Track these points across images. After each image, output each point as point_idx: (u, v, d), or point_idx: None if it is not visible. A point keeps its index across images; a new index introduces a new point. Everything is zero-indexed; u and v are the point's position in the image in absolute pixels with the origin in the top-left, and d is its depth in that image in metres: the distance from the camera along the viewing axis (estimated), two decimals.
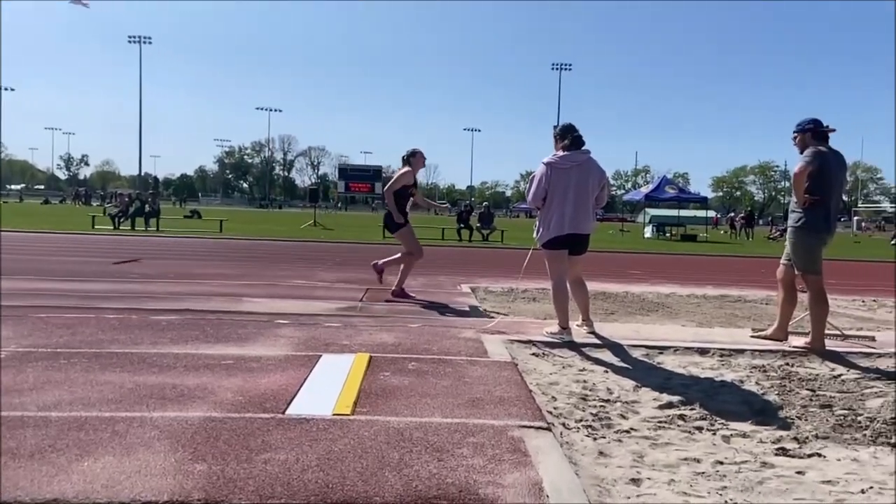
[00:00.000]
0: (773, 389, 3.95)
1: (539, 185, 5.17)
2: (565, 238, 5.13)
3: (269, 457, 2.53)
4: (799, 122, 5.14)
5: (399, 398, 3.34)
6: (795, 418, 3.44)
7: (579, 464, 2.69)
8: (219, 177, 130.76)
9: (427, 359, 4.23)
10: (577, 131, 5.19)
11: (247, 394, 3.32)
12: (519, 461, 2.58)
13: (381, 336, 4.89)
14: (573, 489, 2.35)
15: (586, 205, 5.16)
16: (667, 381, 4.10)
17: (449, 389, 3.54)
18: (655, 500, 2.39)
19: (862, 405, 3.67)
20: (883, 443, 3.08)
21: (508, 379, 3.82)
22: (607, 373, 4.26)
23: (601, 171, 5.27)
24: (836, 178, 5.00)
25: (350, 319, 5.61)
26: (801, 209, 5.00)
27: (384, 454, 2.59)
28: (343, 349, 4.40)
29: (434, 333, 5.08)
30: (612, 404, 3.60)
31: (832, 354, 4.79)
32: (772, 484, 2.57)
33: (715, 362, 4.62)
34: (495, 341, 4.83)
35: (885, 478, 2.65)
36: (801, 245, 5.04)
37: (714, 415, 3.46)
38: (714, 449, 2.99)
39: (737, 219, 38.53)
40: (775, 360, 4.65)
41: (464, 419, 3.06)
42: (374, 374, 3.77)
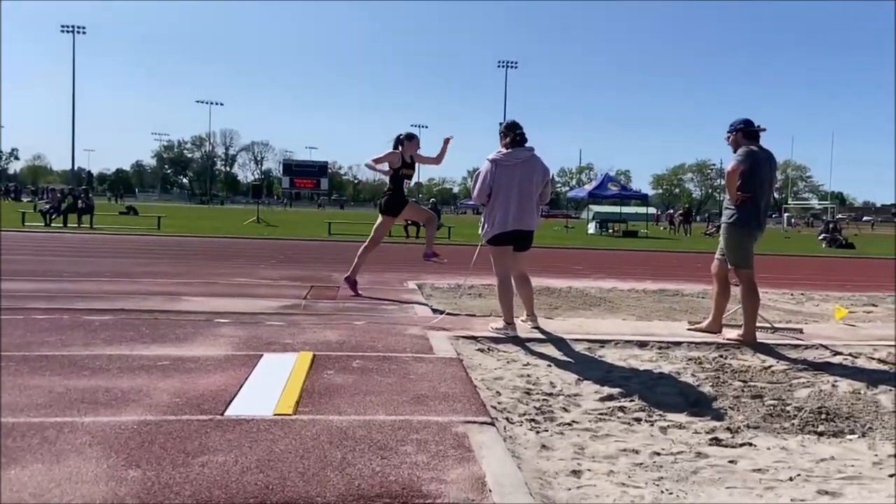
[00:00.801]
0: (707, 381, 4.09)
1: (484, 181, 5.20)
2: (510, 234, 5.18)
3: (206, 460, 2.46)
4: (732, 123, 5.33)
5: (343, 397, 3.31)
6: (728, 409, 3.56)
7: (522, 457, 2.72)
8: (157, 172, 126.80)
9: (372, 356, 4.20)
10: (521, 129, 5.25)
11: (184, 395, 3.23)
12: (462, 456, 2.59)
13: (326, 334, 4.84)
14: (515, 483, 2.38)
15: (531, 201, 5.22)
16: (608, 374, 4.19)
17: (394, 387, 3.53)
18: (595, 492, 2.44)
19: (790, 395, 3.83)
20: (810, 431, 3.22)
21: (453, 375, 3.84)
22: (550, 367, 4.32)
23: (545, 168, 5.34)
24: (767, 177, 5.20)
25: (293, 318, 5.52)
26: (733, 206, 5.18)
27: (326, 453, 2.56)
28: (285, 348, 4.33)
29: (379, 331, 5.05)
30: (555, 398, 3.66)
31: (763, 346, 4.99)
32: (705, 473, 2.66)
33: (653, 355, 4.74)
34: (441, 338, 4.84)
35: (811, 465, 2.77)
36: (733, 241, 5.23)
37: (652, 406, 3.56)
38: (652, 440, 3.07)
39: (675, 215, 39.68)
40: (710, 353, 4.81)
41: (408, 416, 3.05)
42: (317, 373, 3.72)
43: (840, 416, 3.42)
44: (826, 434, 3.19)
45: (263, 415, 2.99)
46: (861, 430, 3.24)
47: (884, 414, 3.49)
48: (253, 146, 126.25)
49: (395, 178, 6.90)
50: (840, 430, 3.25)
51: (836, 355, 4.79)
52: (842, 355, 4.78)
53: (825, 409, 3.50)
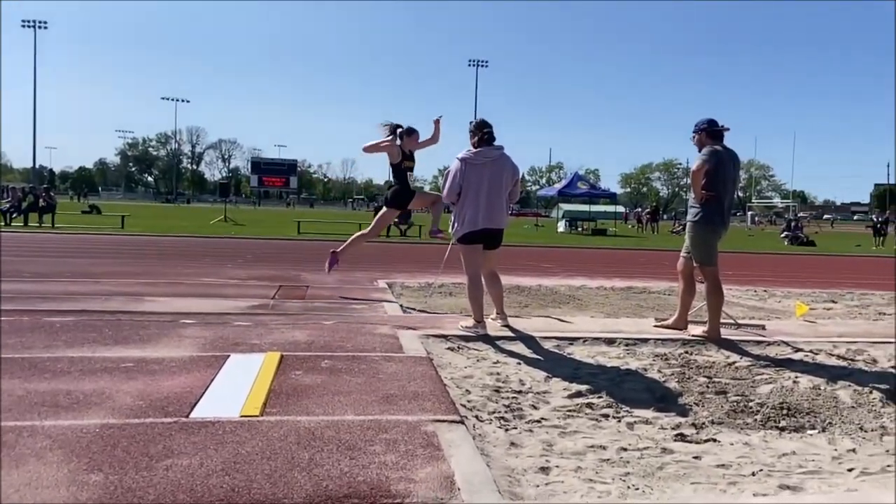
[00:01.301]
0: (673, 377, 4.15)
1: (454, 180, 5.21)
2: (480, 233, 5.19)
3: (171, 463, 2.42)
4: (696, 123, 5.42)
5: (311, 397, 3.28)
6: (693, 405, 3.62)
7: (491, 455, 2.73)
8: (121, 170, 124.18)
9: (341, 356, 4.18)
10: (489, 127, 5.26)
11: (148, 398, 3.17)
12: (431, 455, 2.59)
13: (294, 334, 4.79)
14: (484, 481, 2.38)
15: (500, 200, 5.24)
16: (576, 371, 4.23)
17: (363, 386, 3.51)
18: (562, 488, 2.46)
19: (753, 391, 3.91)
20: (772, 427, 3.29)
21: (423, 374, 3.83)
22: (520, 365, 4.34)
23: (514, 166, 5.36)
24: (730, 176, 5.30)
25: (261, 318, 5.45)
26: (698, 205, 5.27)
27: (294, 455, 2.54)
28: (253, 348, 4.27)
29: (349, 330, 5.02)
30: (524, 395, 3.68)
31: (727, 342, 5.08)
32: (671, 469, 2.70)
33: (621, 351, 4.80)
34: (411, 337, 4.83)
35: (773, 460, 2.83)
36: (698, 239, 5.32)
37: (619, 402, 3.60)
38: (619, 436, 3.10)
39: (643, 214, 40.23)
40: (676, 349, 4.89)
41: (377, 416, 3.04)
42: (285, 374, 3.69)
43: (801, 412, 3.50)
44: (787, 429, 3.26)
45: (230, 416, 2.95)
46: (821, 426, 3.33)
47: (843, 409, 3.58)
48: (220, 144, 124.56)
49: (399, 172, 6.84)
50: (801, 425, 3.32)
51: (797, 352, 4.90)
52: (803, 352, 4.90)
53: (787, 405, 3.58)
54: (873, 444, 3.08)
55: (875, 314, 7.23)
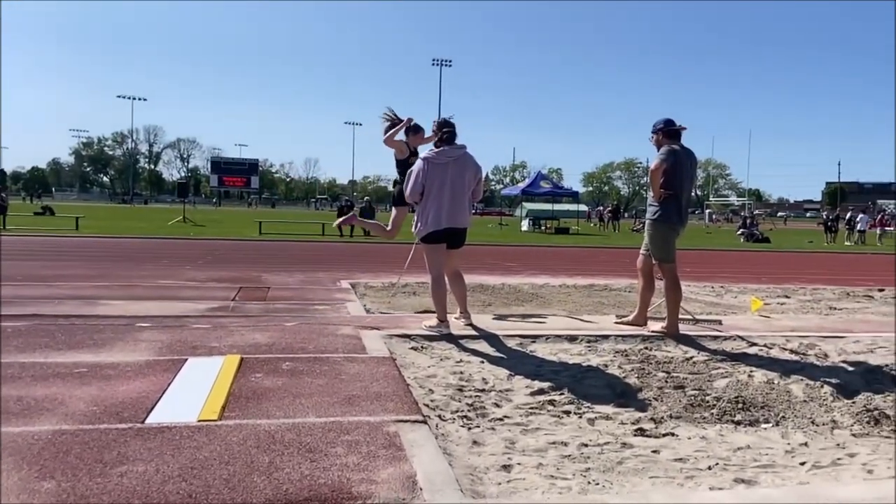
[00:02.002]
0: (633, 373, 4.21)
1: (416, 180, 5.20)
2: (443, 232, 5.19)
3: (125, 469, 2.36)
4: (654, 123, 5.52)
5: (271, 400, 3.24)
6: (652, 399, 3.68)
7: (453, 454, 2.73)
8: (75, 170, 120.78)
9: (302, 358, 4.13)
10: (450, 127, 5.26)
11: (102, 403, 3.09)
12: (394, 456, 2.58)
13: (255, 336, 4.72)
14: (446, 480, 2.38)
15: (463, 199, 5.24)
16: (538, 369, 4.25)
17: (324, 388, 3.48)
18: (524, 485, 2.47)
19: (710, 385, 3.99)
20: (727, 421, 3.37)
21: (386, 374, 3.81)
22: (483, 363, 4.35)
23: (477, 165, 5.37)
24: (688, 174, 5.41)
25: (220, 320, 5.36)
26: (657, 203, 5.37)
27: (253, 459, 2.50)
28: (211, 352, 4.20)
29: (311, 331, 4.97)
30: (487, 393, 3.69)
31: (685, 338, 5.18)
32: (630, 464, 2.74)
33: (583, 348, 4.85)
34: (374, 337, 4.80)
35: (728, 454, 2.90)
36: (657, 236, 5.41)
37: (581, 399, 3.64)
38: (580, 432, 3.14)
39: (604, 212, 40.79)
40: (636, 345, 4.96)
41: (339, 417, 3.01)
42: (245, 377, 3.63)
43: (755, 406, 3.59)
44: (742, 423, 3.34)
45: (187, 421, 2.89)
46: (775, 420, 3.41)
47: (795, 403, 3.68)
48: (179, 143, 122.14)
49: (406, 169, 6.76)
50: (755, 419, 3.41)
51: (752, 346, 5.02)
52: (757, 346, 5.02)
53: (742, 399, 3.66)
54: (824, 437, 3.18)
55: (826, 309, 7.46)
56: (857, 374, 4.25)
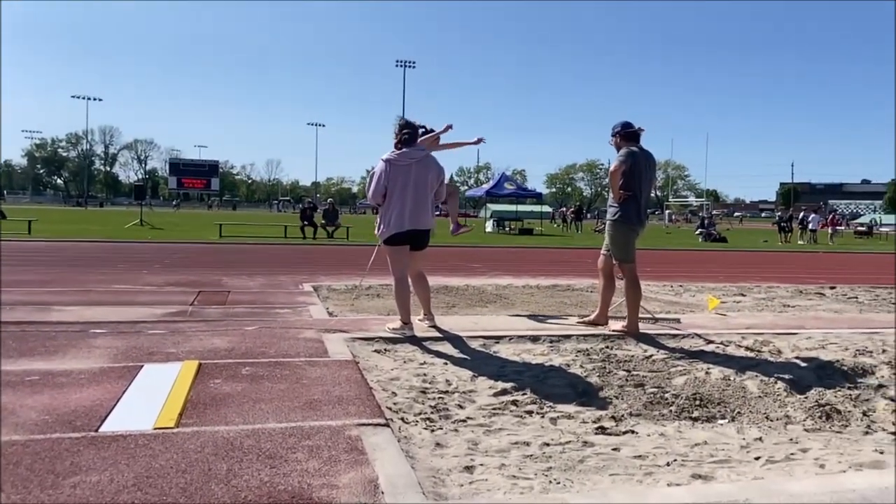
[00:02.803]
0: (595, 371, 4.26)
1: (378, 181, 5.17)
2: (406, 234, 5.17)
3: (78, 480, 2.30)
4: (613, 126, 5.61)
5: (230, 406, 3.19)
6: (613, 398, 3.73)
7: (416, 457, 2.72)
8: (28, 172, 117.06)
9: (263, 362, 4.07)
10: (410, 128, 5.24)
11: (54, 412, 2.99)
12: (355, 460, 2.56)
13: (214, 341, 4.64)
14: (408, 483, 2.38)
15: (426, 201, 5.24)
16: (502, 369, 4.27)
17: (285, 393, 3.44)
18: (486, 486, 2.48)
19: (669, 383, 4.06)
20: (685, 417, 3.43)
21: (348, 378, 3.79)
22: (447, 365, 4.35)
23: (440, 167, 5.38)
24: (646, 175, 5.50)
25: (178, 325, 5.25)
26: (617, 204, 5.45)
27: (211, 466, 2.46)
28: (168, 357, 4.11)
29: (272, 335, 4.90)
30: (451, 395, 3.69)
31: (645, 336, 5.27)
32: (591, 462, 2.77)
33: (545, 348, 4.89)
34: (336, 340, 4.76)
35: (686, 450, 2.95)
36: (617, 237, 5.49)
37: (543, 399, 3.67)
38: (542, 431, 3.16)
39: (567, 213, 41.24)
40: (597, 344, 5.02)
41: (300, 422, 2.98)
42: (203, 383, 3.56)
43: (712, 402, 3.67)
44: (700, 419, 3.41)
45: (142, 429, 2.83)
46: (730, 415, 3.49)
47: (750, 399, 3.77)
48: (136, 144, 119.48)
49: None
50: (712, 415, 3.48)
51: (709, 343, 5.13)
52: (714, 343, 5.13)
53: (699, 396, 3.73)
54: (778, 432, 3.26)
55: (780, 306, 7.66)
56: (810, 370, 4.38)
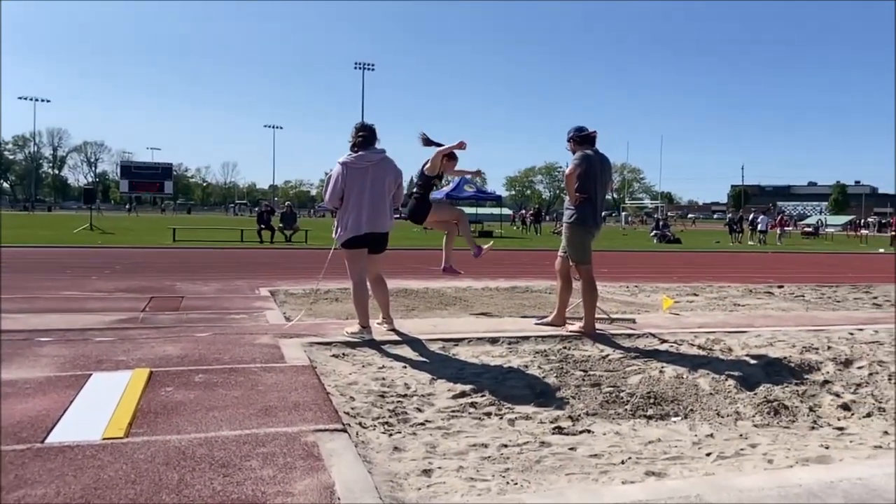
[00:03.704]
0: (552, 372, 4.30)
1: (335, 185, 5.12)
2: (363, 237, 5.13)
3: (24, 493, 2.21)
4: (568, 131, 5.69)
5: (182, 414, 3.11)
6: (570, 398, 3.78)
7: (374, 461, 2.71)
8: None
9: (217, 369, 3.99)
10: (365, 131, 5.19)
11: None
12: (311, 466, 2.53)
13: (166, 348, 4.52)
14: (365, 488, 2.36)
15: (383, 203, 5.20)
16: (460, 372, 4.28)
17: (240, 400, 3.37)
18: (444, 489, 2.48)
19: (624, 382, 4.13)
20: (640, 416, 3.49)
21: (305, 383, 3.74)
22: (406, 368, 4.34)
23: (397, 169, 5.34)
24: (601, 178, 5.59)
25: (128, 332, 5.10)
26: (573, 206, 5.52)
27: (162, 476, 2.39)
28: (118, 366, 3.99)
29: (226, 342, 4.81)
30: (409, 399, 3.68)
31: (601, 336, 5.34)
32: (548, 462, 2.79)
33: (504, 350, 4.91)
34: (293, 345, 4.70)
35: (640, 448, 3.00)
36: (573, 238, 5.56)
37: (502, 400, 3.69)
38: (500, 433, 3.17)
39: (527, 215, 41.61)
40: (555, 345, 5.07)
41: (254, 430, 2.93)
42: (154, 391, 3.47)
43: (666, 400, 3.74)
44: (654, 417, 3.47)
45: (90, 440, 2.74)
46: (683, 413, 3.57)
47: (702, 396, 3.86)
48: (85, 146, 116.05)
49: (427, 185, 6.60)
50: (666, 413, 3.55)
51: (663, 343, 5.23)
52: (668, 342, 5.23)
53: (653, 394, 3.81)
54: (728, 428, 3.35)
55: (731, 305, 7.87)
56: (759, 367, 4.50)
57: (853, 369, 4.50)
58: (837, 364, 4.59)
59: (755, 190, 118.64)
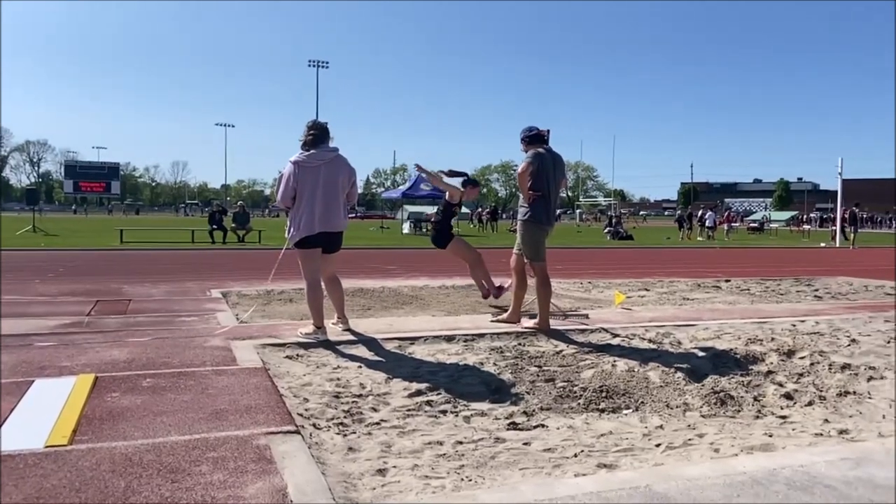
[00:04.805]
0: (508, 368, 4.33)
1: (287, 184, 5.05)
2: (317, 237, 5.08)
3: None
4: (521, 132, 5.75)
5: (129, 420, 3.03)
6: (525, 393, 3.81)
7: (327, 463, 2.68)
8: None
9: (166, 373, 3.89)
10: (317, 129, 5.13)
11: None
12: (263, 469, 2.49)
13: (112, 353, 4.39)
14: (318, 489, 2.33)
15: (337, 202, 5.15)
16: (416, 370, 4.28)
17: (189, 404, 3.30)
18: (398, 488, 2.47)
19: (578, 376, 4.19)
20: (593, 409, 3.55)
21: (258, 385, 3.68)
22: (361, 368, 4.31)
23: (350, 168, 5.30)
24: (554, 176, 5.66)
25: (73, 337, 4.94)
26: (527, 204, 5.57)
27: (108, 484, 2.32)
28: (62, 371, 3.86)
29: (175, 345, 4.70)
30: (364, 399, 3.66)
31: (556, 332, 5.41)
32: (502, 457, 2.82)
33: (460, 348, 4.93)
34: (245, 347, 4.62)
35: (593, 441, 3.05)
36: (527, 236, 5.62)
37: (457, 398, 3.70)
38: (456, 430, 3.18)
39: (483, 213, 41.79)
40: (510, 342, 5.12)
41: (204, 434, 2.87)
42: (99, 397, 3.37)
43: (618, 393, 3.81)
44: (606, 411, 3.53)
45: (33, 448, 2.64)
46: (634, 405, 3.64)
47: (653, 389, 3.94)
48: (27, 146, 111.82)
49: (449, 213, 6.98)
50: (618, 406, 3.61)
51: (615, 337, 5.33)
52: (620, 337, 5.34)
53: (606, 388, 3.87)
54: (677, 419, 3.43)
55: (680, 300, 8.07)
56: (706, 359, 4.63)
57: (795, 360, 4.66)
58: (780, 355, 4.75)
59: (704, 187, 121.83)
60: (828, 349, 4.94)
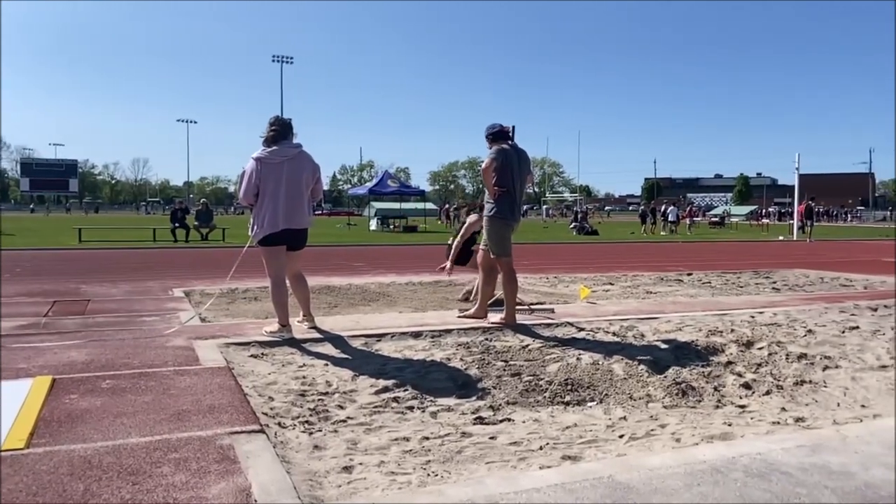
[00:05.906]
0: (474, 364, 4.35)
1: (250, 181, 4.98)
2: (281, 234, 5.02)
3: None
4: (486, 127, 5.77)
5: (88, 422, 2.96)
6: (492, 388, 3.84)
7: (293, 461, 2.66)
8: None
9: (126, 374, 3.81)
10: (278, 125, 5.06)
11: None
12: (226, 470, 2.46)
13: (70, 354, 4.29)
14: (283, 488, 2.32)
15: (301, 199, 5.10)
16: (383, 367, 4.27)
17: (150, 405, 3.24)
18: (364, 485, 2.47)
19: (543, 370, 4.23)
20: (558, 402, 3.59)
21: (221, 385, 3.63)
22: (327, 366, 4.29)
23: (314, 164, 5.24)
24: (519, 171, 5.69)
25: (29, 339, 4.81)
26: (492, 200, 5.59)
27: (66, 488, 2.27)
28: (18, 374, 3.76)
29: (136, 345, 4.61)
30: (331, 396, 3.64)
31: (522, 327, 5.45)
32: (469, 452, 2.83)
33: (427, 344, 4.93)
34: (209, 347, 4.55)
35: (558, 434, 3.09)
36: (493, 231, 5.64)
37: (424, 393, 3.70)
38: (422, 426, 3.19)
39: (451, 210, 41.86)
40: (477, 337, 5.14)
41: (166, 435, 2.82)
42: (57, 399, 3.29)
43: (583, 386, 3.86)
44: (571, 403, 3.58)
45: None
46: (599, 398, 3.69)
47: (616, 381, 4.01)
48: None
49: (470, 237, 7.25)
50: (582, 398, 3.66)
51: (580, 331, 5.39)
52: (585, 331, 5.40)
53: (571, 381, 3.92)
54: (640, 411, 3.49)
55: (644, 293, 8.20)
56: (669, 351, 4.71)
57: (754, 350, 4.78)
58: (740, 346, 4.86)
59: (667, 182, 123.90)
60: (785, 340, 5.07)
